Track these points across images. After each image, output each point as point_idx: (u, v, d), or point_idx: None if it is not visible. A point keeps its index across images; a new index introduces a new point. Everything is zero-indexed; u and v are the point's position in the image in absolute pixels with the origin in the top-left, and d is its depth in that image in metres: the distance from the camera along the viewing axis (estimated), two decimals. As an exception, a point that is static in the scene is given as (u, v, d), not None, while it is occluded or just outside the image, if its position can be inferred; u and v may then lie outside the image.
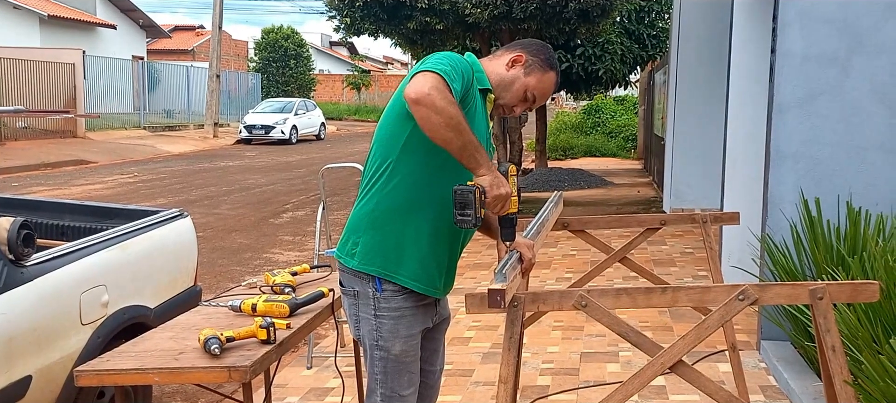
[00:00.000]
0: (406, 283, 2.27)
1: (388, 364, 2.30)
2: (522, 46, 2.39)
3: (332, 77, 49.69)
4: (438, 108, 2.02)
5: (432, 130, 2.05)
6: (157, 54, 35.68)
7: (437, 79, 2.04)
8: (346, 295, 2.34)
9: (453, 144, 2.07)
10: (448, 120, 2.03)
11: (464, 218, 2.13)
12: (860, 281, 2.21)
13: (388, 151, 2.24)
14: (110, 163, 18.04)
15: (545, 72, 2.36)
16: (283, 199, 12.33)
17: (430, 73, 2.06)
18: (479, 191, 2.12)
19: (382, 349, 2.29)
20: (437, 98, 2.01)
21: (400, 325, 2.29)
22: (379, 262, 2.25)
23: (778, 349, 4.23)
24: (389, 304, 2.27)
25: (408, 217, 2.24)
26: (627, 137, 21.03)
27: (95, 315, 3.24)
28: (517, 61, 2.34)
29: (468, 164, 2.12)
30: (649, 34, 14.35)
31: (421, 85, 2.03)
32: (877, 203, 4.12)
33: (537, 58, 2.35)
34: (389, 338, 2.29)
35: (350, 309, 2.34)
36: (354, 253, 2.28)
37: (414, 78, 2.07)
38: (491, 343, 4.87)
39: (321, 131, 27.74)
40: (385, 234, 2.25)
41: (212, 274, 7.21)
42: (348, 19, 10.10)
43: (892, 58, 4.17)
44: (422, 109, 2.03)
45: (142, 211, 4.17)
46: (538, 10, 9.31)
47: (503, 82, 2.35)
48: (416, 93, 2.02)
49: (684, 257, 7.34)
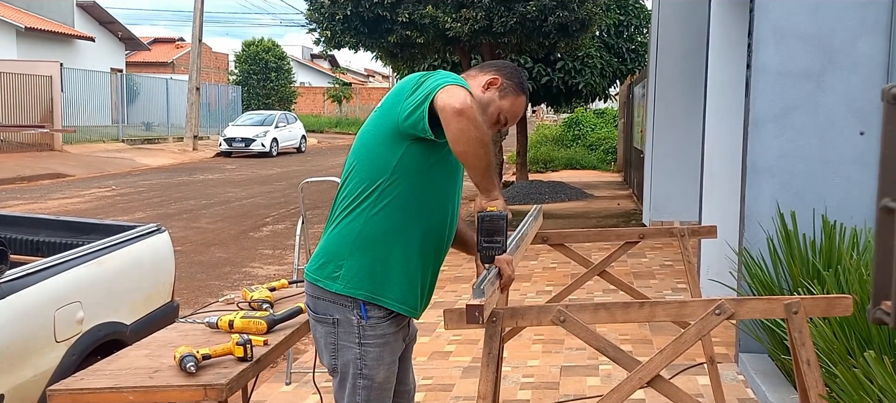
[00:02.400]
0: (393, 306, 2.24)
1: (372, 393, 2.26)
2: (497, 69, 2.38)
3: (313, 89, 49.60)
4: (478, 124, 1.98)
5: (468, 144, 2.00)
6: (136, 66, 35.45)
7: (466, 94, 2.01)
8: (322, 324, 2.25)
9: (482, 162, 2.03)
10: (483, 135, 2.00)
11: (492, 245, 2.10)
12: (834, 296, 2.24)
13: (376, 173, 2.18)
14: (88, 176, 17.86)
15: (518, 96, 2.35)
16: (262, 213, 12.27)
17: (464, 89, 2.02)
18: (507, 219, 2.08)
19: (367, 378, 2.24)
20: (477, 114, 1.99)
21: (384, 352, 2.25)
22: (367, 285, 2.20)
23: (756, 361, 4.26)
24: (375, 332, 2.23)
25: (396, 239, 2.20)
26: (607, 150, 21.17)
27: (70, 332, 3.20)
28: (493, 84, 2.33)
29: (486, 185, 2.09)
30: (628, 48, 14.49)
31: (462, 99, 1.98)
32: (851, 216, 4.17)
33: (511, 81, 2.34)
34: (374, 366, 2.24)
35: (325, 338, 2.26)
36: (338, 277, 2.20)
37: (445, 90, 2.01)
38: (471, 357, 4.86)
39: (302, 144, 27.66)
40: (373, 257, 2.20)
41: (190, 289, 7.15)
42: (329, 33, 10.10)
43: (866, 73, 4.23)
44: (463, 121, 1.97)
45: (118, 226, 4.13)
46: (518, 24, 9.37)
47: (480, 103, 2.30)
48: (460, 104, 1.97)
49: (664, 270, 7.38)
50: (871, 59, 4.22)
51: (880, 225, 1.12)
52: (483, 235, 2.10)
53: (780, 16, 4.29)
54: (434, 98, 2.03)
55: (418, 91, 2.10)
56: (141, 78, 30.22)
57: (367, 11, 9.51)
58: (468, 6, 9.28)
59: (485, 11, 9.23)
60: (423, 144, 2.14)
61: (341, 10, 9.56)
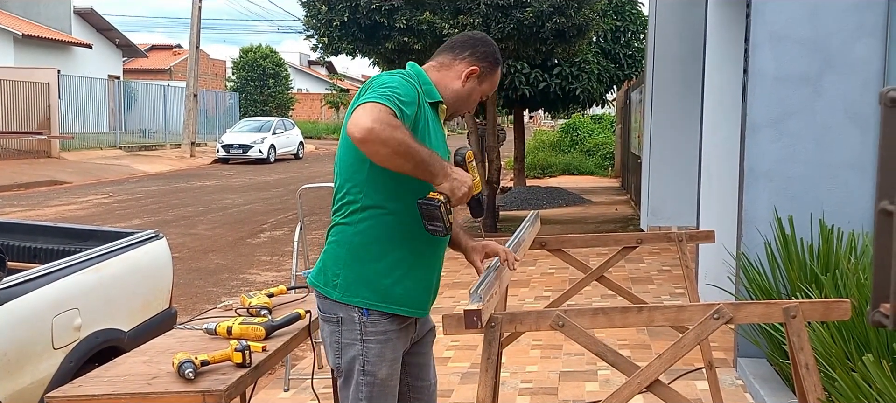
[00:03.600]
0: (392, 310, 2.27)
1: (374, 390, 2.27)
2: (470, 52, 2.35)
3: (310, 96, 49.60)
4: (383, 140, 1.98)
5: (383, 161, 2.04)
6: (133, 73, 35.45)
7: (378, 109, 2.00)
8: (328, 322, 2.30)
9: (406, 168, 2.06)
10: (396, 147, 2.00)
11: (434, 228, 2.17)
12: (832, 300, 2.24)
13: (352, 184, 2.24)
14: (85, 183, 17.83)
15: (494, 71, 2.39)
16: (260, 219, 12.26)
17: (370, 105, 2.02)
18: (444, 202, 2.14)
19: (369, 374, 2.26)
20: (380, 130, 1.97)
21: (386, 349, 2.27)
22: (364, 293, 2.24)
23: (754, 366, 4.25)
24: (376, 328, 2.26)
25: (386, 244, 2.24)
26: (605, 155, 21.19)
27: (68, 339, 3.19)
28: (472, 74, 2.34)
29: (425, 179, 2.11)
30: (625, 54, 14.50)
31: (362, 120, 1.98)
32: (849, 221, 4.18)
33: (487, 62, 2.35)
34: (376, 362, 2.26)
35: (331, 337, 2.30)
36: (336, 285, 2.26)
37: (354, 113, 2.02)
38: (470, 363, 4.86)
39: (299, 150, 27.66)
40: (365, 265, 2.24)
41: (188, 296, 7.14)
42: (326, 39, 10.10)
43: (862, 77, 4.24)
44: (368, 146, 2.00)
45: (116, 232, 4.13)
46: (515, 31, 9.38)
47: (460, 97, 2.36)
48: (359, 132, 1.98)
49: (661, 275, 7.38)
50: (868, 63, 4.24)
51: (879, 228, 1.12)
52: (425, 219, 2.17)
53: (777, 20, 4.30)
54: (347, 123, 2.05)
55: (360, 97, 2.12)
56: (138, 85, 30.21)
57: (365, 18, 9.51)
58: (465, 12, 9.29)
59: (482, 18, 9.23)
60: None
61: (339, 16, 9.56)
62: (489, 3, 9.13)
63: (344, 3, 9.48)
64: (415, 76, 2.28)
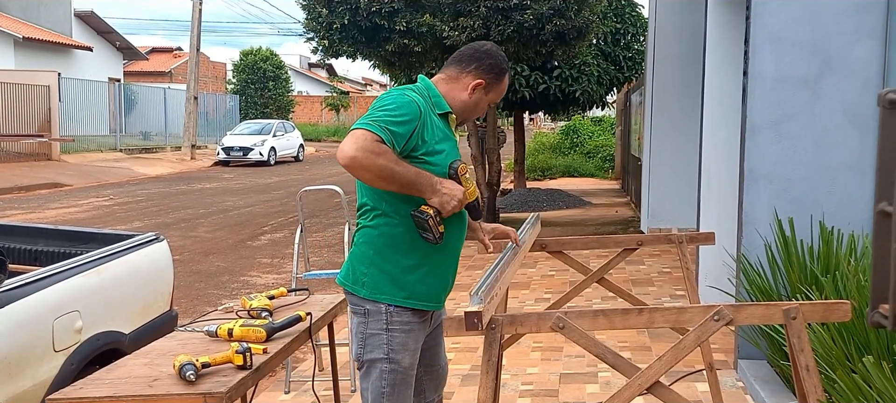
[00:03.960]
0: (415, 306, 2.47)
1: (397, 377, 2.46)
2: (476, 66, 2.51)
3: (310, 98, 49.63)
4: (366, 166, 2.20)
5: (369, 183, 2.29)
6: (133, 76, 35.46)
7: (362, 138, 2.21)
8: (356, 314, 2.50)
9: (392, 188, 2.30)
10: (379, 172, 2.23)
11: (425, 237, 2.38)
12: (832, 301, 2.24)
13: (369, 191, 2.44)
14: (86, 185, 17.85)
15: (501, 81, 2.56)
16: (261, 221, 12.26)
17: (359, 132, 2.22)
18: (432, 216, 2.34)
19: (393, 361, 2.45)
20: (362, 158, 2.19)
21: (409, 339, 2.47)
22: (389, 290, 2.44)
23: (755, 368, 4.25)
24: (401, 318, 2.45)
25: (408, 247, 2.43)
26: (605, 157, 21.19)
27: (69, 341, 3.20)
28: (479, 87, 2.52)
29: (415, 195, 2.33)
30: (625, 56, 14.51)
31: (347, 148, 2.20)
32: (848, 222, 4.18)
33: (492, 74, 2.52)
34: (400, 351, 2.45)
35: (358, 328, 2.49)
36: (364, 283, 2.46)
37: (344, 140, 2.24)
38: (470, 364, 4.86)
39: (300, 153, 27.67)
40: (389, 266, 2.44)
41: (189, 298, 7.15)
42: (326, 42, 10.11)
43: (862, 79, 4.25)
44: (353, 171, 2.23)
45: (117, 235, 4.13)
46: (515, 33, 9.39)
47: (467, 107, 2.55)
48: (343, 159, 2.21)
49: (662, 276, 7.39)
50: (867, 65, 4.24)
51: (877, 230, 1.13)
52: (418, 229, 2.39)
53: (776, 22, 4.31)
54: None
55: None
56: (139, 87, 30.23)
57: (365, 20, 9.52)
58: (465, 15, 9.30)
59: (482, 20, 9.25)
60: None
61: (339, 19, 9.57)
62: (489, 6, 9.14)
63: (344, 6, 9.50)
64: (424, 89, 2.48)
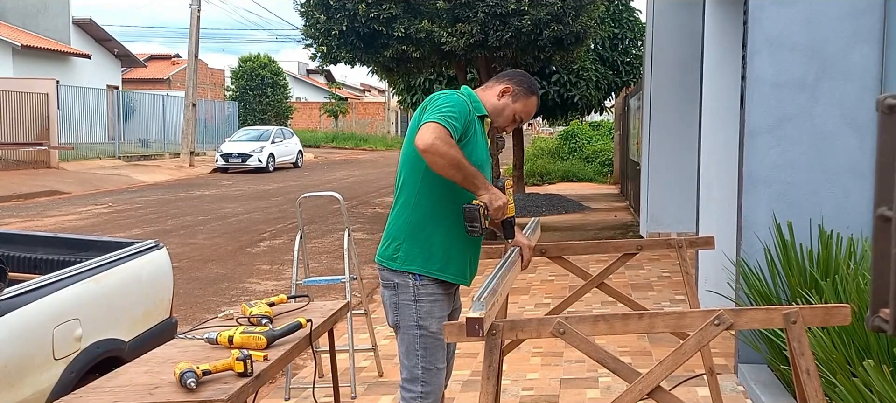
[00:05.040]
0: (440, 276, 2.80)
1: (428, 341, 2.80)
2: (509, 78, 2.94)
3: (309, 104, 49.65)
4: (441, 153, 2.55)
5: (440, 170, 2.60)
6: (132, 83, 35.47)
7: (439, 129, 2.56)
8: (387, 288, 2.84)
9: (457, 178, 2.62)
10: (450, 161, 2.57)
11: (473, 229, 2.70)
12: (833, 305, 2.24)
13: (413, 175, 2.80)
14: (84, 193, 17.83)
15: (528, 97, 2.93)
16: (260, 228, 12.26)
17: (433, 124, 2.57)
18: (483, 208, 2.67)
19: (422, 328, 2.79)
20: (440, 146, 2.54)
21: (435, 307, 2.81)
22: (419, 262, 2.78)
23: (755, 372, 4.25)
24: (427, 290, 2.79)
25: (437, 224, 2.79)
26: (604, 162, 21.20)
27: (69, 349, 3.19)
28: (506, 92, 2.90)
29: (470, 189, 2.68)
30: (623, 61, 14.55)
31: (427, 136, 2.54)
32: (847, 226, 4.18)
33: (521, 87, 2.91)
34: (427, 318, 2.79)
35: (390, 300, 2.84)
36: (396, 257, 2.80)
37: (421, 129, 2.58)
38: (470, 371, 4.85)
39: (299, 159, 27.66)
40: (421, 240, 2.78)
41: (188, 305, 7.14)
42: (325, 48, 10.12)
43: (860, 83, 4.25)
44: (429, 156, 2.56)
45: (116, 242, 4.13)
46: (513, 38, 9.40)
47: (496, 109, 2.90)
48: (423, 145, 2.55)
49: (661, 281, 7.39)
50: (864, 69, 4.25)
51: (877, 234, 1.13)
52: (466, 221, 2.71)
53: (774, 27, 4.32)
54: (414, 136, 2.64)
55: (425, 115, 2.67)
56: (137, 94, 30.22)
57: (363, 26, 9.53)
58: (464, 20, 9.31)
59: (480, 26, 9.26)
60: None
61: (337, 25, 9.58)
62: (487, 12, 9.15)
63: (342, 13, 9.51)
64: (467, 96, 2.83)
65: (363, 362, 5.16)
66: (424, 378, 2.83)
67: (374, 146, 40.82)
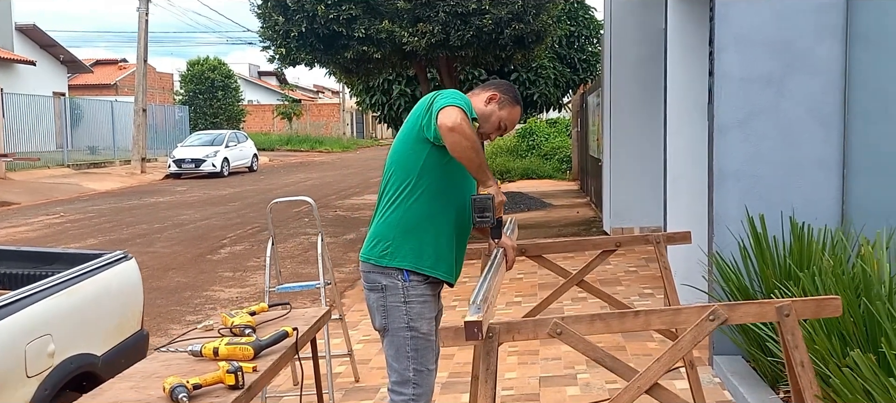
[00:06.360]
0: (430, 272, 2.81)
1: (419, 342, 2.82)
2: (495, 86, 3.01)
3: (262, 107, 49.04)
4: (467, 135, 2.60)
5: (461, 151, 2.62)
6: (78, 89, 34.55)
7: (462, 113, 2.62)
8: (373, 290, 2.85)
9: (474, 162, 2.66)
10: (473, 143, 2.62)
11: (483, 219, 2.75)
12: (824, 297, 2.28)
13: (408, 172, 2.80)
14: (34, 203, 17.31)
15: (513, 106, 3.00)
16: (219, 234, 12.04)
17: (456, 108, 2.62)
18: (494, 199, 2.74)
19: (413, 329, 2.81)
20: (466, 127, 2.60)
21: (425, 308, 2.83)
22: (410, 258, 2.79)
23: (731, 363, 4.32)
24: (416, 291, 2.81)
25: (429, 222, 2.80)
26: (562, 159, 21.36)
27: (42, 366, 3.08)
28: (493, 99, 2.96)
29: (481, 177, 2.74)
30: (580, 58, 14.68)
31: (454, 117, 2.59)
32: (816, 217, 4.27)
33: (507, 95, 2.99)
34: (418, 319, 2.81)
35: (377, 302, 2.84)
36: (386, 254, 2.81)
37: (444, 111, 2.62)
38: (448, 372, 4.82)
39: (254, 163, 27.28)
40: (413, 236, 2.79)
41: (151, 316, 6.96)
42: (283, 50, 9.98)
43: (826, 77, 4.35)
44: (455, 135, 2.59)
45: (84, 254, 4.00)
46: (475, 38, 9.40)
47: (483, 115, 2.94)
48: (451, 123, 2.58)
49: (629, 275, 7.46)
50: (829, 64, 4.34)
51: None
52: (476, 212, 2.76)
53: (741, 23, 4.39)
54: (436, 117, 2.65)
55: (431, 109, 2.71)
56: (84, 101, 29.44)
57: (323, 28, 9.43)
58: (425, 20, 9.28)
59: (441, 25, 9.23)
60: (440, 147, 2.72)
61: (296, 27, 9.46)
62: (448, 11, 9.14)
63: (301, 14, 9.39)
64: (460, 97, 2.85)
65: (338, 368, 5.09)
66: (416, 380, 2.82)
67: (330, 148, 40.50)
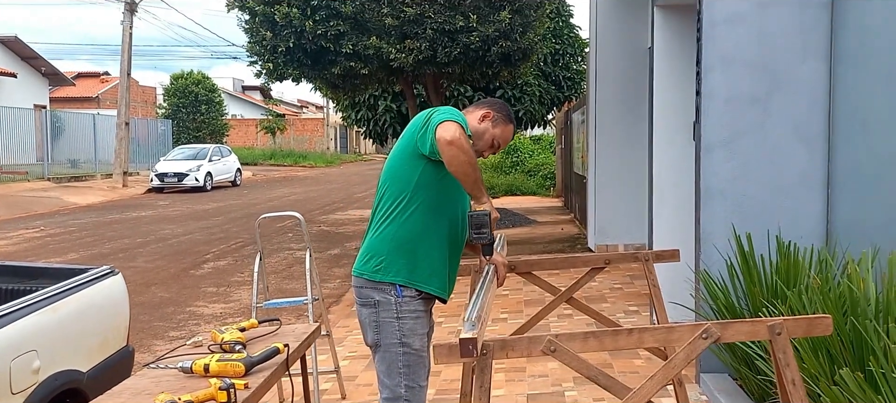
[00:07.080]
0: (423, 287, 2.82)
1: (411, 358, 2.81)
2: (489, 104, 3.04)
3: (245, 122, 48.87)
4: (465, 149, 2.60)
5: (459, 165, 2.61)
6: (60, 102, 34.28)
7: (459, 129, 2.61)
8: (366, 306, 2.84)
9: (470, 177, 2.65)
10: (470, 158, 2.63)
11: (480, 235, 2.74)
12: (815, 316, 2.30)
13: (402, 187, 2.80)
14: (13, 217, 17.11)
15: (507, 124, 3.02)
16: (202, 249, 11.96)
17: (454, 123, 2.62)
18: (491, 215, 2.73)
19: (406, 345, 2.81)
20: (464, 142, 2.60)
21: (418, 324, 2.83)
22: (404, 273, 2.80)
23: (717, 381, 4.33)
24: (409, 307, 2.81)
25: (424, 237, 2.81)
26: (546, 175, 21.45)
27: (27, 382, 3.04)
28: (487, 116, 2.98)
29: (476, 193, 2.73)
30: (564, 76, 14.77)
31: (452, 131, 2.59)
32: (801, 236, 4.32)
33: (501, 114, 3.01)
34: (410, 335, 2.81)
35: (369, 318, 2.83)
36: (379, 269, 2.81)
37: (442, 126, 2.61)
38: (435, 389, 4.80)
39: (237, 177, 27.15)
40: (407, 251, 2.79)
41: (133, 332, 6.86)
42: (271, 65, 9.96)
43: (809, 97, 4.40)
44: (453, 149, 2.58)
45: (69, 270, 3.96)
46: (462, 55, 9.44)
47: (477, 132, 2.95)
48: (450, 136, 2.58)
49: (614, 293, 7.48)
50: (813, 84, 4.40)
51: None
52: (472, 228, 2.75)
53: (727, 44, 4.44)
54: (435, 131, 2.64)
55: (428, 124, 2.70)
56: (66, 114, 29.20)
57: (310, 43, 9.43)
58: (412, 37, 9.30)
59: (429, 42, 9.26)
60: (435, 163, 2.73)
61: (284, 42, 9.45)
62: (436, 29, 9.17)
63: (289, 30, 9.38)
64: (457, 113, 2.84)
65: (324, 384, 5.06)
66: (407, 396, 2.82)
67: (313, 162, 40.41)
